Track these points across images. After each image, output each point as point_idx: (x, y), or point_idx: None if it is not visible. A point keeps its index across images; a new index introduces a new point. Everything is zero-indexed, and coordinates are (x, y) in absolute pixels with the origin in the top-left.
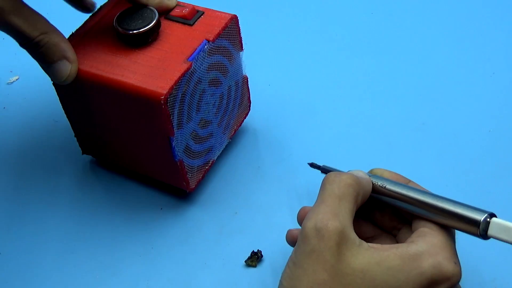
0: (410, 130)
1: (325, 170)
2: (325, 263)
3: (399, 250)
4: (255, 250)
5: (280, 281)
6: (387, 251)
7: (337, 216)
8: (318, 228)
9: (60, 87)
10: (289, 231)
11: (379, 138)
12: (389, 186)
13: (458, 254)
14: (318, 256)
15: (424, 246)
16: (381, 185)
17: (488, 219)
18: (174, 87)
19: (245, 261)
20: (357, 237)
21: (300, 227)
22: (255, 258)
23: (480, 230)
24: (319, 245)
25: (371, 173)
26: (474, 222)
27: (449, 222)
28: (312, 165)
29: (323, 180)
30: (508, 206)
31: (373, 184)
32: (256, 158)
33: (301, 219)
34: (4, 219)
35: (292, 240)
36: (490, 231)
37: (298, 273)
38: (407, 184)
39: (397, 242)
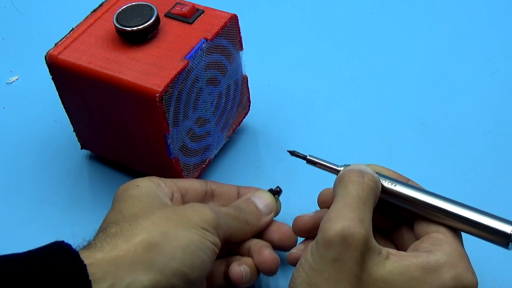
0: (410, 130)
1: (311, 161)
2: (348, 274)
3: (419, 260)
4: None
5: (294, 285)
6: (408, 260)
7: (363, 223)
8: (345, 235)
9: (59, 82)
10: (291, 254)
11: (379, 138)
12: (400, 187)
13: None
14: (342, 266)
15: (444, 257)
16: (390, 184)
17: None
18: (170, 84)
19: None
20: (377, 244)
21: (319, 208)
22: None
23: (510, 242)
24: (344, 254)
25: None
26: (503, 235)
27: (472, 231)
28: (293, 153)
29: (343, 177)
30: (508, 206)
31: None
32: (255, 158)
33: (322, 202)
34: (4, 218)
35: (295, 261)
36: None
37: (317, 280)
38: (406, 182)
39: (394, 242)
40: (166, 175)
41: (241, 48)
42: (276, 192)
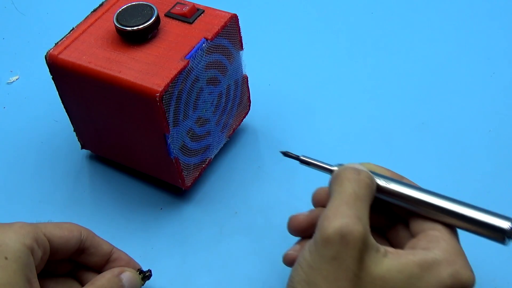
0: (410, 130)
1: (305, 161)
2: (347, 271)
3: (417, 257)
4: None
5: (292, 284)
6: (405, 258)
7: (360, 221)
8: (343, 233)
9: (59, 82)
10: (287, 255)
11: (379, 138)
12: (395, 185)
13: None
14: (341, 264)
15: (441, 254)
16: (384, 183)
17: None
18: (170, 84)
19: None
20: (375, 242)
21: (313, 207)
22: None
23: (506, 237)
24: (343, 251)
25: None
26: (499, 230)
27: (468, 227)
28: (286, 154)
29: (338, 175)
30: (508, 206)
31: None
32: (256, 157)
33: (317, 201)
34: (4, 219)
35: (292, 262)
36: None
37: (316, 279)
38: (401, 180)
39: (390, 241)
40: (166, 175)
41: (241, 48)
42: (145, 277)
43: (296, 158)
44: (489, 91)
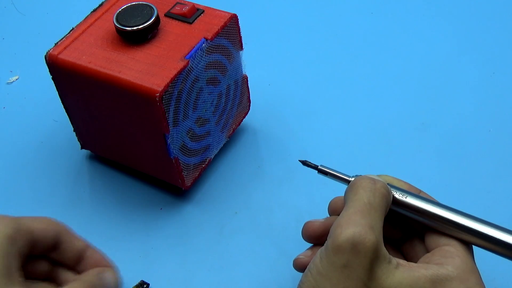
0: (410, 130)
1: (323, 171)
2: (357, 281)
3: (429, 272)
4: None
5: None
6: (417, 272)
7: (373, 230)
8: (355, 242)
9: (59, 82)
10: (298, 260)
11: (379, 138)
12: (411, 199)
13: None
14: (351, 272)
15: (454, 271)
16: (401, 196)
17: None
18: (170, 84)
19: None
20: (387, 253)
21: (328, 215)
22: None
23: None
24: (353, 260)
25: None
26: None
27: (484, 244)
28: (305, 163)
29: (354, 183)
30: (508, 207)
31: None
32: (256, 157)
33: (333, 209)
34: None
35: (301, 267)
36: None
37: (325, 286)
38: (418, 194)
39: (404, 254)
40: (166, 175)
41: (241, 48)
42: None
43: (315, 167)
44: (489, 91)
